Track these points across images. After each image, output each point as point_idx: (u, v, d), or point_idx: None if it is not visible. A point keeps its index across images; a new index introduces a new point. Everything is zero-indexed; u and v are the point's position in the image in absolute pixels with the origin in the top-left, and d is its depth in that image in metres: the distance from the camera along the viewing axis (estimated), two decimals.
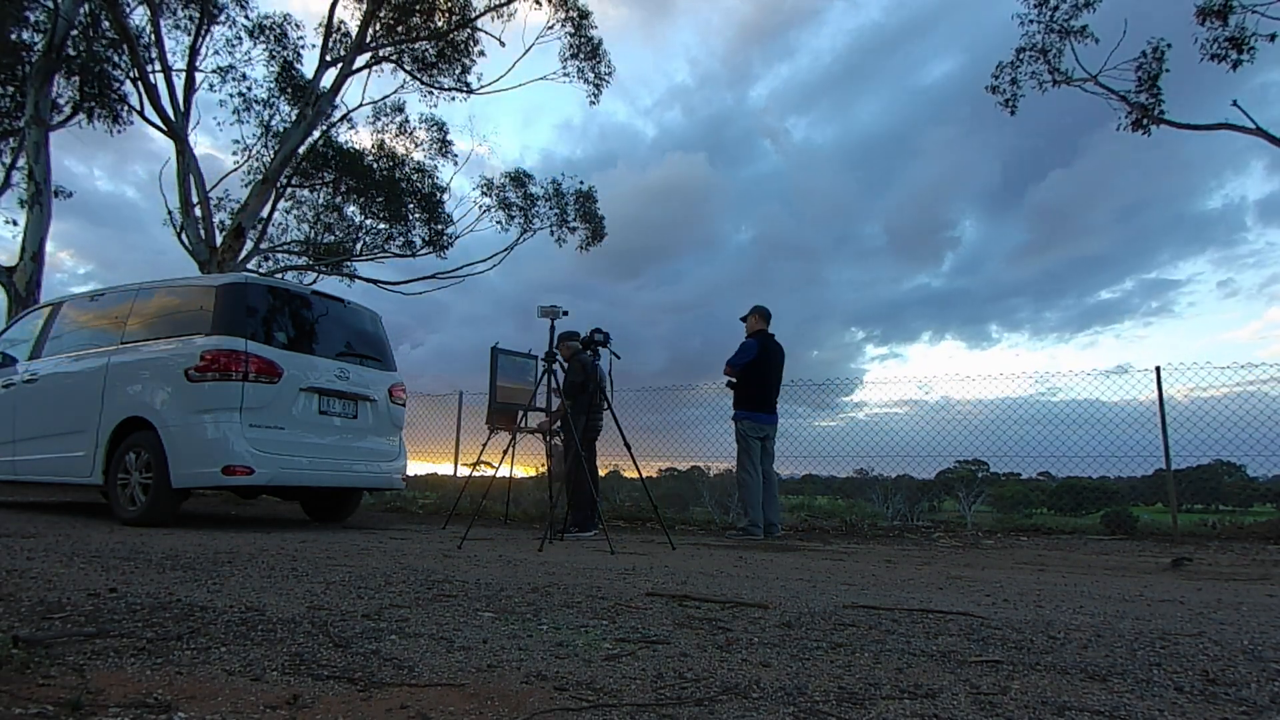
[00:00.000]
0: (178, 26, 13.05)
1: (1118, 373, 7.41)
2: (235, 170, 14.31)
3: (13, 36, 11.98)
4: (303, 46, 14.25)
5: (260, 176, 12.68)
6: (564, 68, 13.67)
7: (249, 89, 14.08)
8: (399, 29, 13.10)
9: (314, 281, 15.08)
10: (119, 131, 13.34)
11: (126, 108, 13.09)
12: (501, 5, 13.02)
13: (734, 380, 6.33)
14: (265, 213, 13.54)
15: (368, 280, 15.29)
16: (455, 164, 15.51)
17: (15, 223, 13.80)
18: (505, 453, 5.40)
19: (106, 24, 11.87)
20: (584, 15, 13.29)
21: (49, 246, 10.68)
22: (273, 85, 14.18)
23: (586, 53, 13.53)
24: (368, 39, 12.56)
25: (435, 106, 15.13)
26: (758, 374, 6.25)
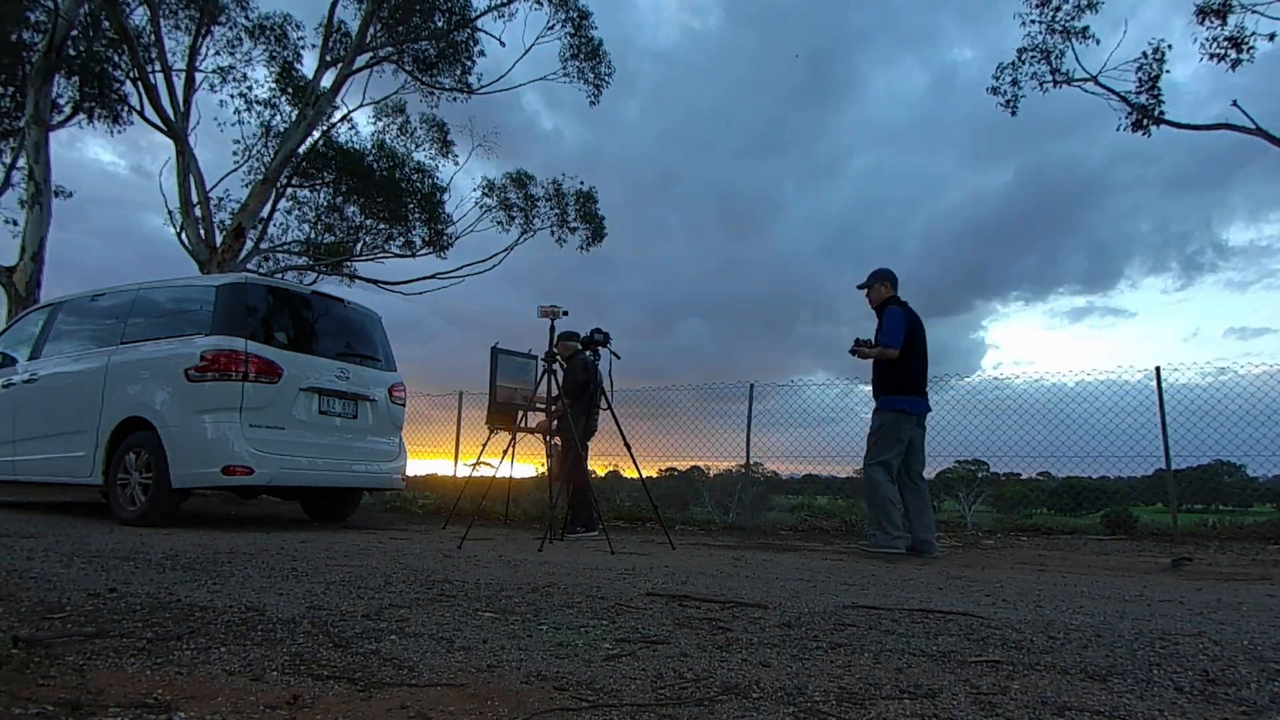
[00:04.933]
0: (178, 27, 13.05)
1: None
2: (235, 170, 14.31)
3: (13, 36, 11.98)
4: (303, 47, 14.25)
5: (260, 176, 12.67)
6: (564, 68, 13.66)
7: (249, 89, 14.10)
8: (399, 29, 13.09)
9: (314, 281, 15.07)
10: (119, 131, 13.37)
11: (126, 108, 13.08)
12: (501, 5, 13.02)
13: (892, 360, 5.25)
14: (265, 213, 13.52)
15: (368, 280, 15.29)
16: (456, 164, 15.53)
17: (15, 223, 13.81)
18: (505, 453, 5.40)
19: (106, 24, 11.86)
20: (584, 15, 13.28)
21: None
22: (273, 85, 14.18)
23: (587, 53, 13.52)
24: (368, 39, 12.55)
25: (436, 107, 15.08)
26: (909, 348, 5.34)
